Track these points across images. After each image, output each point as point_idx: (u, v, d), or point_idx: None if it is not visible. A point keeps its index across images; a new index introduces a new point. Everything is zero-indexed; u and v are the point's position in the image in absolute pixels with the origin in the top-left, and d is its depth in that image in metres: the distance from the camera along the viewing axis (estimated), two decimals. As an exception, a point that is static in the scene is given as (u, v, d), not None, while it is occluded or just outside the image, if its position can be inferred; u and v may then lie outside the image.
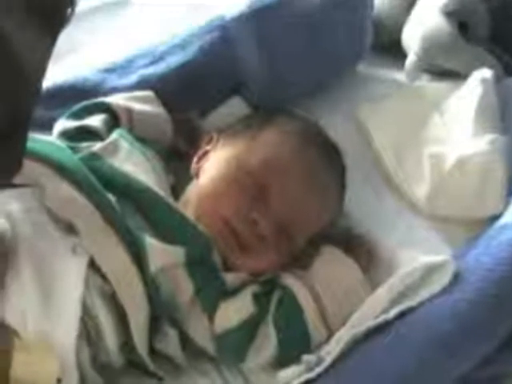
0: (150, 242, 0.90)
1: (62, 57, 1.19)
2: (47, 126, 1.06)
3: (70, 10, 0.72)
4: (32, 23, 0.67)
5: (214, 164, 1.01)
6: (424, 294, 0.92)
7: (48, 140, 0.98)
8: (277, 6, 1.17)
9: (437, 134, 1.16)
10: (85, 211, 0.89)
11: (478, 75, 1.16)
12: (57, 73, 1.08)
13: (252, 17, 1.16)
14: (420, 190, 1.09)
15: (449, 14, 1.23)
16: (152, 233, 0.92)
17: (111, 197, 0.92)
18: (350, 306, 0.95)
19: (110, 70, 1.18)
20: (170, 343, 0.91)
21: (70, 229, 0.88)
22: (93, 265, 0.86)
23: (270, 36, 1.16)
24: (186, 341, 0.92)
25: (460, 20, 1.25)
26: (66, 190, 0.90)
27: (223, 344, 0.92)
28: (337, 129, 1.13)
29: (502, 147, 1.07)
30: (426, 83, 1.28)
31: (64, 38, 0.72)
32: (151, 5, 1.41)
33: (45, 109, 1.08)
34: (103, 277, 0.86)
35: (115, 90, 1.13)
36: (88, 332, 0.85)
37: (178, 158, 1.11)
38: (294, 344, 0.93)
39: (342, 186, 1.06)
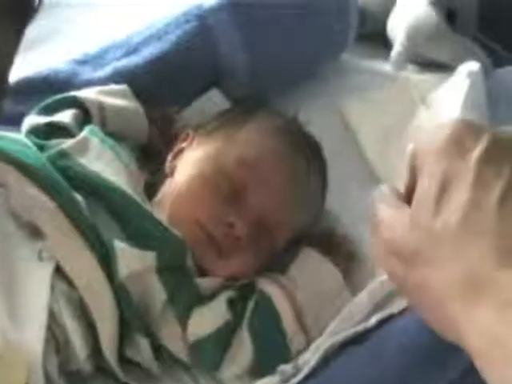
0: (120, 247, 0.86)
1: (35, 45, 1.16)
2: (16, 121, 1.02)
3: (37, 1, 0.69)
4: None
5: (188, 163, 0.97)
6: (405, 301, 0.88)
7: (14, 137, 0.94)
8: (255, -6, 1.13)
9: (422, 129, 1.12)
10: (51, 214, 0.85)
11: (465, 68, 1.13)
12: (29, 62, 1.04)
13: (231, 5, 1.12)
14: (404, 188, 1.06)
15: (436, 2, 1.20)
16: (123, 236, 0.88)
17: (80, 198, 0.88)
18: (329, 311, 0.92)
19: (83, 62, 1.13)
20: (142, 351, 0.87)
21: (35, 232, 0.85)
22: (59, 270, 0.83)
23: (250, 25, 1.14)
24: (159, 348, 0.89)
25: (447, 8, 1.21)
26: (32, 191, 0.86)
27: (197, 352, 0.88)
28: (319, 121, 1.09)
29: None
30: (411, 74, 1.25)
31: (39, 27, 0.69)
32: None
33: (14, 102, 1.04)
34: (70, 283, 0.83)
35: (88, 82, 1.09)
36: (56, 340, 0.82)
37: (153, 155, 1.07)
38: (271, 352, 0.90)
39: (323, 184, 1.03)
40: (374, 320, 0.87)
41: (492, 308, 0.49)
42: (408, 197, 0.60)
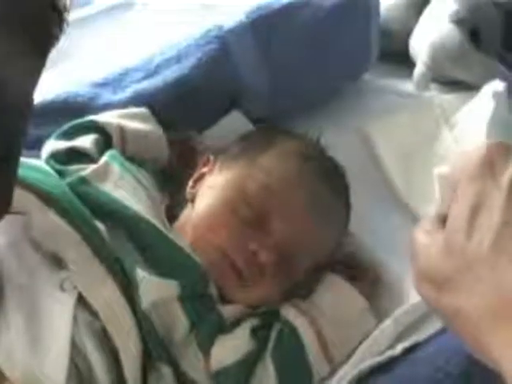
0: (142, 275, 0.85)
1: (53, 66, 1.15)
2: (36, 146, 1.01)
3: (58, 29, 0.68)
4: (18, 47, 0.63)
5: (210, 190, 0.96)
6: (432, 327, 0.87)
7: (34, 165, 0.93)
8: (277, 15, 1.12)
9: (446, 151, 1.11)
10: (72, 243, 0.85)
11: (489, 88, 1.11)
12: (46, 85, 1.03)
13: (251, 27, 1.11)
14: (429, 211, 1.04)
15: (459, 21, 1.18)
16: (144, 264, 0.87)
17: (101, 226, 0.87)
18: (353, 338, 0.91)
19: (102, 85, 1.12)
20: (165, 380, 0.86)
21: (57, 262, 0.84)
22: (81, 300, 0.82)
23: (269, 47, 1.12)
24: (182, 377, 0.87)
25: (471, 27, 1.19)
26: (53, 219, 0.85)
27: (220, 381, 0.87)
28: (341, 144, 1.09)
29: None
30: (435, 94, 1.23)
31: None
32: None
33: (33, 127, 1.03)
34: (92, 313, 0.82)
35: (108, 106, 1.08)
36: (78, 371, 0.80)
37: (174, 178, 1.06)
38: (295, 381, 0.88)
39: (347, 209, 1.01)
40: (399, 348, 0.86)
41: None
42: (443, 221, 0.62)
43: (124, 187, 0.94)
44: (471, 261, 0.55)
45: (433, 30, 1.21)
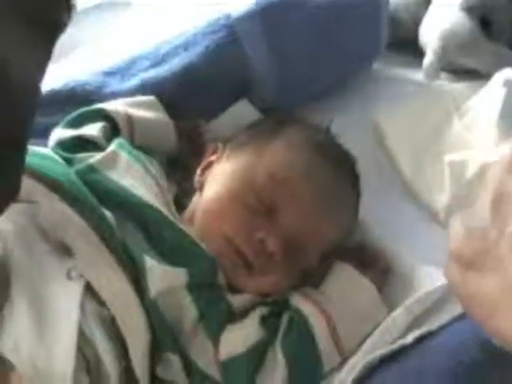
0: (150, 264, 0.84)
1: (62, 56, 1.14)
2: (42, 134, 1.00)
3: (67, 15, 0.68)
4: (27, 34, 0.63)
5: (218, 178, 0.95)
6: (445, 316, 0.86)
7: (42, 153, 0.92)
8: (287, 3, 1.12)
9: (457, 139, 1.10)
10: (80, 232, 0.84)
11: (500, 76, 1.10)
12: (55, 73, 1.03)
13: (260, 15, 1.10)
14: (439, 201, 1.03)
15: (469, 8, 1.17)
16: (153, 252, 0.87)
17: (109, 214, 0.86)
18: (364, 328, 0.90)
19: (110, 73, 1.12)
20: (173, 370, 0.86)
21: (64, 250, 0.83)
22: (89, 289, 0.81)
23: (279, 35, 1.11)
24: (190, 366, 0.87)
25: (481, 15, 1.18)
26: (61, 208, 0.84)
27: (229, 371, 0.86)
28: (350, 133, 1.07)
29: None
30: (444, 83, 1.22)
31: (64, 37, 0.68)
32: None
33: (42, 115, 1.02)
34: (100, 301, 0.81)
35: (116, 94, 1.08)
36: (86, 359, 0.79)
37: (182, 167, 1.06)
38: (305, 370, 0.87)
39: (357, 198, 1.00)
40: (410, 337, 0.85)
41: None
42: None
43: (132, 175, 0.93)
44: (494, 245, 0.59)
45: (443, 18, 1.20)
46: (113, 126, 1.02)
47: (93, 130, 1.00)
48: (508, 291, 0.56)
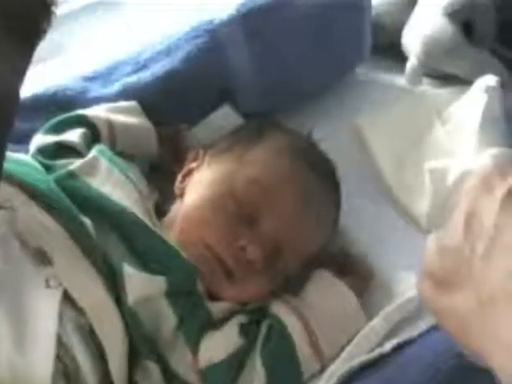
0: (128, 271, 0.84)
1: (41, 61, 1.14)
2: (22, 139, 1.00)
3: (46, 23, 0.68)
4: (6, 42, 0.63)
5: (199, 185, 0.95)
6: (423, 325, 0.86)
7: (21, 159, 0.92)
8: (269, 8, 1.11)
9: (438, 146, 1.10)
10: (59, 239, 0.84)
11: (482, 82, 1.10)
12: (36, 79, 1.02)
13: (242, 21, 1.10)
14: (420, 207, 1.04)
15: (452, 14, 1.17)
16: (132, 260, 0.87)
17: (88, 221, 0.86)
18: (344, 335, 0.90)
19: (91, 79, 1.11)
20: (152, 377, 0.85)
21: (42, 257, 0.83)
22: (67, 297, 0.81)
23: (261, 41, 1.11)
24: (169, 374, 0.86)
25: (464, 21, 1.18)
26: (39, 215, 0.84)
27: (208, 378, 0.86)
28: (333, 138, 1.07)
29: (508, 161, 1.00)
30: (427, 88, 1.22)
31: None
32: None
33: (22, 121, 1.02)
34: (79, 309, 0.81)
35: (97, 99, 1.08)
36: (65, 368, 0.79)
37: (163, 173, 1.05)
38: (284, 378, 0.87)
39: (337, 204, 1.00)
40: (389, 346, 0.85)
41: None
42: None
43: (112, 182, 0.93)
44: (466, 262, 0.59)
45: (425, 24, 1.19)
46: (94, 132, 1.02)
47: (73, 136, 0.99)
48: (480, 308, 0.56)
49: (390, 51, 1.27)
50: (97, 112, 1.04)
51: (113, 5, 1.37)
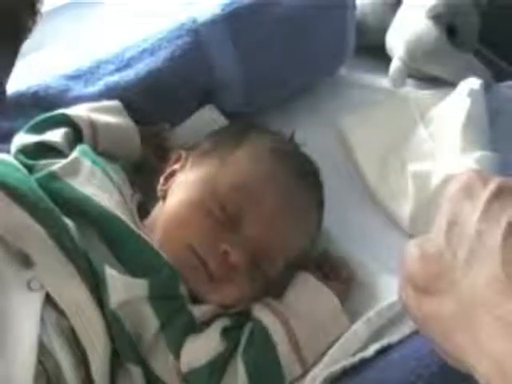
0: (111, 274, 0.83)
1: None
2: (6, 139, 0.99)
3: (31, 21, 0.67)
4: None
5: (181, 187, 0.95)
6: (405, 329, 0.86)
7: (1, 159, 0.91)
8: (253, 8, 1.11)
9: (421, 148, 1.10)
10: (40, 241, 0.83)
11: (466, 85, 1.10)
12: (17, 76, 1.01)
13: (225, 20, 1.09)
14: (403, 209, 1.04)
15: (436, 16, 1.17)
16: (114, 262, 0.86)
17: (70, 223, 0.85)
18: (326, 339, 0.90)
19: (73, 77, 1.10)
20: (134, 381, 0.85)
21: (24, 259, 0.82)
22: (49, 299, 0.80)
23: (244, 40, 1.11)
24: (151, 377, 0.86)
25: (448, 23, 1.18)
26: (20, 216, 0.83)
27: (190, 382, 0.85)
28: (316, 139, 1.07)
29: (490, 165, 1.01)
30: (410, 89, 1.22)
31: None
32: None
33: (3, 119, 1.01)
34: (61, 312, 0.80)
35: (79, 98, 1.07)
36: (46, 371, 0.78)
37: (146, 174, 1.05)
38: (266, 382, 0.87)
39: (320, 207, 1.00)
40: (371, 350, 0.85)
41: (498, 330, 0.53)
42: None
43: (94, 183, 0.92)
44: (448, 268, 0.60)
45: (409, 26, 1.20)
46: (76, 132, 1.01)
47: (55, 136, 0.98)
48: (462, 314, 0.57)
49: (375, 53, 1.27)
50: (79, 111, 1.02)
51: (96, 3, 1.36)
